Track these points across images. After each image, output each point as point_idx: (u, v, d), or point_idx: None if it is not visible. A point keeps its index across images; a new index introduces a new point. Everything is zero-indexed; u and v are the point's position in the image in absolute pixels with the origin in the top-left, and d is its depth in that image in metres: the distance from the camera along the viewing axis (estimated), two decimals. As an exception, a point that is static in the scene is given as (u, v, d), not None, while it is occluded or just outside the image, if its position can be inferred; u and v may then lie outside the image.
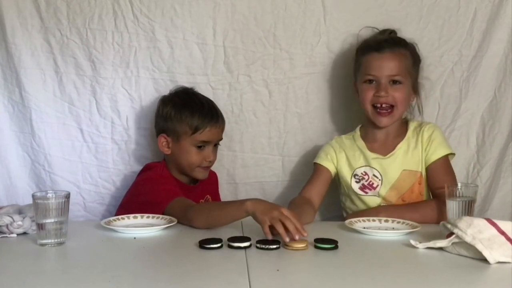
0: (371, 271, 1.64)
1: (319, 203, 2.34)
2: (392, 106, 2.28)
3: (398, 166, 2.31)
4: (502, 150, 2.56)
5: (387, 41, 2.33)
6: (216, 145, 2.43)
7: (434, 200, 2.26)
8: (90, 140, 2.54)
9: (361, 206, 2.34)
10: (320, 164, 2.38)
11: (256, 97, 2.56)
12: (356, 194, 2.34)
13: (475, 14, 2.51)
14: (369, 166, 2.33)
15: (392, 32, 2.41)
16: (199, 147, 2.35)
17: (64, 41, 2.48)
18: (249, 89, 2.55)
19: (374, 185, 2.32)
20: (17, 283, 1.53)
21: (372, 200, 2.32)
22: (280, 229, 1.82)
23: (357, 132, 2.41)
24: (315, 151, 2.55)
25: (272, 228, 1.84)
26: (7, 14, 2.43)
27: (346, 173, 2.36)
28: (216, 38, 2.51)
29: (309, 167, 2.56)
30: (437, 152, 2.29)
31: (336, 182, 2.43)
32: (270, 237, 1.83)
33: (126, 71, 2.51)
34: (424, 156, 2.31)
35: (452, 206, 2.01)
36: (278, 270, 1.63)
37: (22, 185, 2.53)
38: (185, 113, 2.35)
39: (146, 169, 2.43)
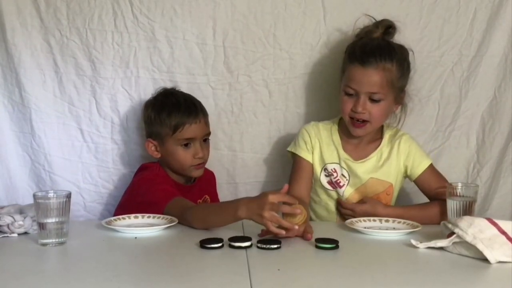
0: (371, 270, 1.64)
1: (309, 197, 2.34)
2: (368, 121, 2.25)
3: (366, 173, 2.30)
4: (502, 150, 2.56)
5: (373, 53, 2.22)
6: (205, 140, 2.40)
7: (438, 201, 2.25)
8: (90, 140, 2.54)
9: (324, 199, 2.34)
10: (300, 157, 2.34)
11: (256, 97, 2.56)
12: (322, 186, 2.33)
13: (475, 14, 2.51)
14: (339, 164, 2.32)
15: (390, 28, 2.34)
16: (185, 145, 2.34)
17: (64, 41, 2.48)
18: (249, 89, 2.55)
19: (341, 184, 2.31)
20: (18, 282, 1.53)
21: (337, 195, 2.33)
22: (279, 222, 1.84)
23: (335, 125, 2.37)
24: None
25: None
26: (7, 14, 2.43)
27: (316, 164, 2.34)
28: (216, 38, 2.51)
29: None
30: (422, 164, 2.30)
31: None
32: (283, 233, 1.83)
33: (126, 71, 2.51)
34: (403, 170, 2.31)
35: (453, 206, 2.02)
36: (279, 269, 1.63)
37: (22, 185, 2.53)
38: (163, 114, 2.34)
39: (142, 169, 2.42)
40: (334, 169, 2.32)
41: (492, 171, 2.57)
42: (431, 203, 2.28)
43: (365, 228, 2.02)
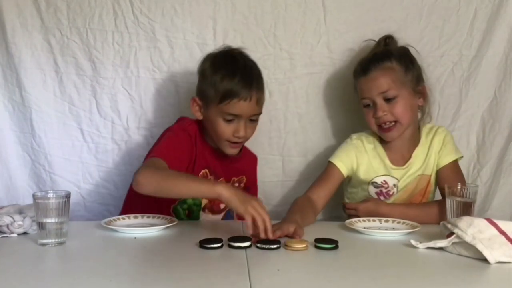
0: (371, 271, 1.64)
1: (324, 205, 2.31)
2: (395, 121, 2.27)
3: (414, 172, 2.32)
4: (502, 150, 2.56)
5: (371, 61, 2.29)
6: (253, 120, 2.21)
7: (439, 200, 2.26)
8: (90, 140, 2.55)
9: None
10: (335, 165, 2.34)
11: (256, 97, 2.55)
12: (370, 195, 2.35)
13: (475, 14, 2.51)
14: (390, 175, 2.33)
15: (388, 39, 2.38)
16: (229, 120, 2.16)
17: (64, 41, 2.48)
18: (249, 89, 2.54)
19: (390, 193, 2.33)
20: (17, 283, 1.53)
21: None
22: (261, 221, 1.81)
23: (376, 136, 2.38)
24: (315, 151, 2.56)
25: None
26: (7, 14, 2.44)
27: (363, 177, 2.34)
28: (216, 38, 2.51)
29: (309, 167, 2.58)
30: (449, 156, 2.31)
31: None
32: (251, 231, 1.82)
33: (126, 71, 2.51)
34: (436, 159, 2.32)
35: (452, 206, 2.02)
36: (278, 269, 1.63)
37: (22, 185, 2.54)
38: (217, 76, 2.15)
39: (177, 120, 2.32)
40: (384, 181, 2.34)
41: (492, 171, 2.57)
42: (431, 202, 2.29)
43: (364, 228, 2.01)
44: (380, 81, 2.25)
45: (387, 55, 2.29)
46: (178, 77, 2.52)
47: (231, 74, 2.14)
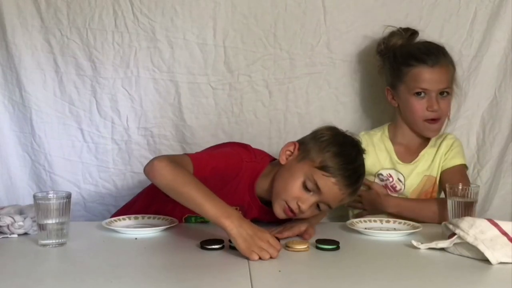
0: (372, 271, 1.64)
1: None
2: (438, 118, 2.30)
3: (420, 172, 2.33)
4: (502, 150, 2.56)
5: (433, 53, 2.29)
6: (320, 207, 2.00)
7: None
8: (90, 140, 2.54)
9: None
10: None
11: (256, 97, 2.56)
12: None
13: (475, 14, 2.52)
14: (395, 169, 2.34)
15: (414, 33, 2.40)
16: (307, 187, 1.96)
17: (64, 41, 2.48)
18: (249, 89, 2.54)
19: (397, 189, 2.33)
20: (17, 283, 1.53)
21: None
22: (266, 258, 1.70)
23: (385, 132, 2.40)
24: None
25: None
26: (7, 14, 2.43)
27: (369, 170, 2.31)
28: (216, 38, 2.51)
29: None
30: (455, 160, 2.32)
31: None
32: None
33: (126, 71, 2.51)
34: (441, 162, 2.33)
35: (453, 207, 2.02)
36: (280, 271, 1.63)
37: (22, 185, 2.54)
38: (340, 148, 1.98)
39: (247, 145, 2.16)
40: (389, 174, 2.35)
41: (492, 171, 2.57)
42: (431, 199, 2.30)
43: (365, 229, 2.01)
44: (444, 76, 2.28)
45: (445, 53, 2.32)
46: (178, 77, 2.52)
47: (350, 159, 1.98)
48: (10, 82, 2.49)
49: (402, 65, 2.31)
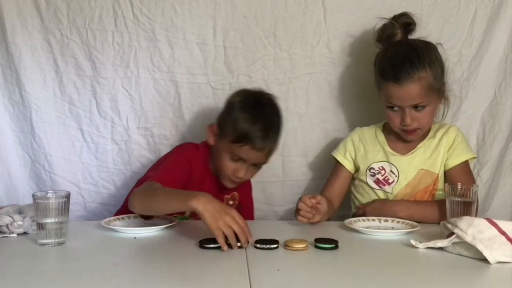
0: (371, 271, 1.64)
1: (339, 203, 2.35)
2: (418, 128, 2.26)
3: (416, 165, 2.30)
4: (502, 150, 2.56)
5: (404, 66, 2.18)
6: (257, 165, 2.26)
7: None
8: (90, 140, 2.55)
9: (373, 197, 2.33)
10: (339, 162, 2.38)
11: (256, 97, 2.55)
12: (369, 187, 2.34)
13: (475, 14, 2.51)
14: (387, 162, 2.32)
15: (408, 25, 2.31)
16: (235, 159, 2.21)
17: (64, 41, 2.48)
18: (250, 89, 2.55)
19: (390, 181, 2.31)
20: (17, 283, 1.53)
21: (384, 196, 2.31)
22: (231, 238, 1.76)
23: (381, 126, 2.39)
24: (316, 151, 2.55)
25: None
26: (7, 14, 2.44)
27: (361, 167, 2.34)
28: (216, 38, 2.51)
29: (309, 167, 2.58)
30: (460, 157, 2.28)
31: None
32: (225, 249, 1.76)
33: (126, 71, 2.51)
34: (445, 159, 2.30)
35: (452, 206, 2.01)
36: (278, 270, 1.63)
37: (22, 185, 2.54)
38: (240, 116, 2.19)
39: (177, 146, 2.37)
40: (381, 166, 2.33)
41: (492, 171, 2.57)
42: (439, 200, 2.27)
43: (364, 228, 2.01)
44: (414, 93, 2.17)
45: (420, 61, 2.19)
46: (178, 77, 2.52)
47: (253, 120, 2.18)
48: (10, 82, 2.49)
49: (379, 75, 2.27)
